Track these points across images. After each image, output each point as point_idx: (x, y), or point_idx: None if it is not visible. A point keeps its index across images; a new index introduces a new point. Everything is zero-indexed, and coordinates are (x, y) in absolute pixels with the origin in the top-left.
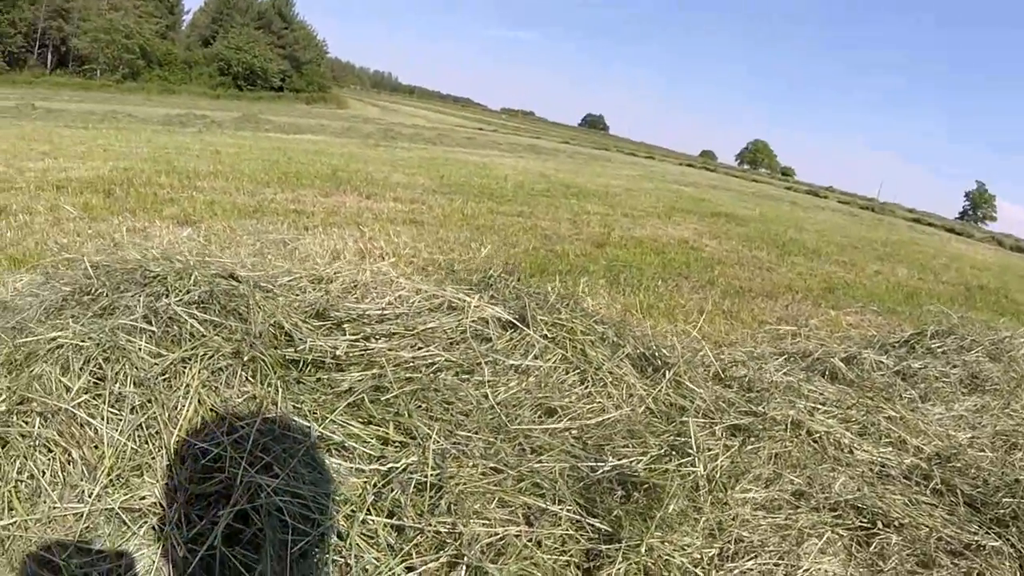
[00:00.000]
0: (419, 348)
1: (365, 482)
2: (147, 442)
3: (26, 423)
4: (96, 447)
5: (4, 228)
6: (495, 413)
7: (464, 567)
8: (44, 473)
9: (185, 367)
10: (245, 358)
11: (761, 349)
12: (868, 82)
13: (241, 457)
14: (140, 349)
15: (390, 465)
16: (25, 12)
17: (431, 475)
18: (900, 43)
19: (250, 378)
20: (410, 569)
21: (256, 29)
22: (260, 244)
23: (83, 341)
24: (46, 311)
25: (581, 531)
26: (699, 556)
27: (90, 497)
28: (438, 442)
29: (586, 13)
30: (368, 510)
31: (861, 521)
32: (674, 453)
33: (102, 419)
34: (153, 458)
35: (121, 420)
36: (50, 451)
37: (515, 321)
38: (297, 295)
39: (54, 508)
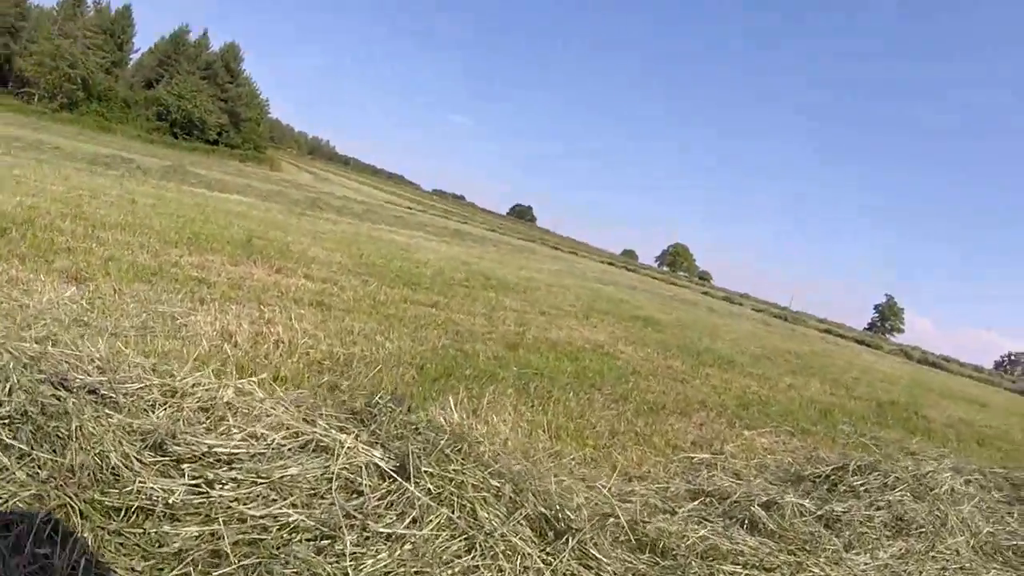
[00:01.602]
0: (272, 501)
1: None
2: None
3: None
4: None
5: None
6: None
7: None
8: None
9: None
10: (50, 504)
11: (675, 486)
12: (781, 194)
13: None
14: None
15: None
16: None
17: None
18: (809, 158)
19: (51, 533)
20: None
21: (201, 79)
22: (146, 316)
23: None
24: None
25: None
26: None
27: None
28: None
29: (520, 101)
30: None
31: None
32: None
33: None
34: None
35: None
36: None
37: (394, 473)
38: (142, 414)
39: None
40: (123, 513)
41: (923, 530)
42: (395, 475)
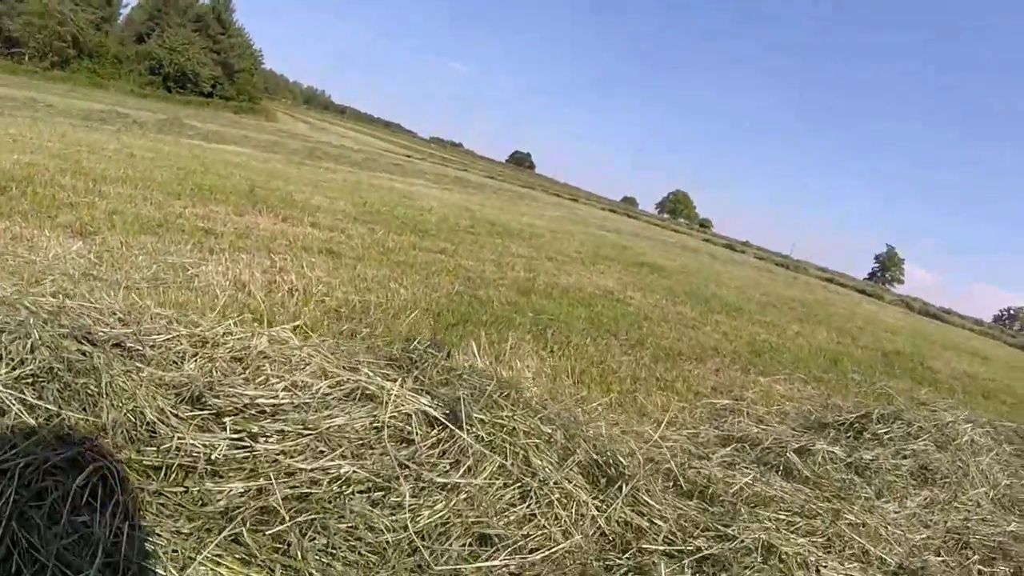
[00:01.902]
0: (321, 453)
1: None
2: None
3: None
4: None
5: None
6: (415, 547)
7: None
8: None
9: None
10: (87, 469)
11: (704, 432)
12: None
13: None
14: None
15: None
16: None
17: None
18: (807, 110)
19: (89, 499)
20: None
21: (193, 31)
22: (156, 267)
23: None
24: None
25: None
26: None
27: None
28: None
29: (520, 50)
30: None
31: None
32: None
33: None
34: None
35: None
36: None
37: (445, 420)
38: (171, 366)
39: None
40: (162, 472)
41: (947, 480)
42: (447, 423)
